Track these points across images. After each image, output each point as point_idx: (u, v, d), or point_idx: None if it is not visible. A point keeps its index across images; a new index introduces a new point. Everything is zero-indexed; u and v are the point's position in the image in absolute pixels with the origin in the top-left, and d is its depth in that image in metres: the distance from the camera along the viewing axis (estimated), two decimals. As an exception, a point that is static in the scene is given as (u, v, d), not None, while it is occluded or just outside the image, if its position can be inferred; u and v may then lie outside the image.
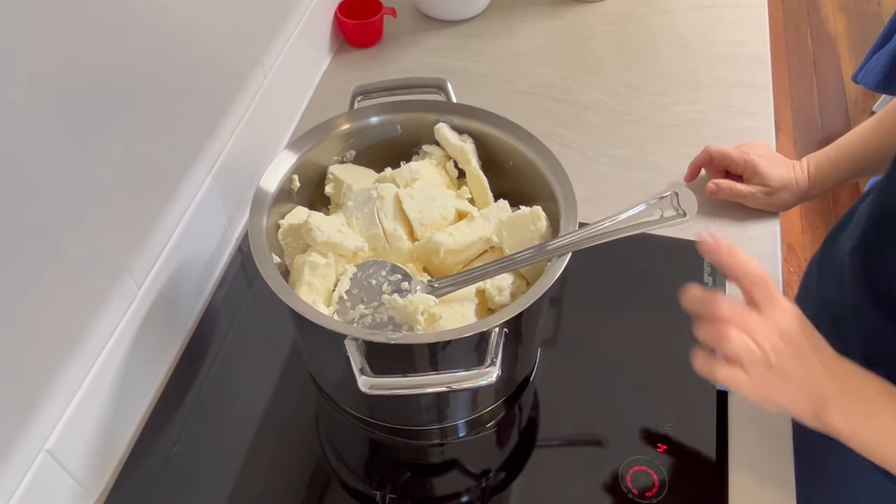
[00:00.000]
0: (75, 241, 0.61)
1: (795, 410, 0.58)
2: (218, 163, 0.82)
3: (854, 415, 0.57)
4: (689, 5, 1.20)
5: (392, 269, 0.66)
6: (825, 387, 0.57)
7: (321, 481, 0.72)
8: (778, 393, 0.58)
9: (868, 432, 0.57)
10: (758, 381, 0.57)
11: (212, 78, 0.79)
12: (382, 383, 0.57)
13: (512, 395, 0.75)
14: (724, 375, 0.58)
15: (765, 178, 0.86)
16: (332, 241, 0.68)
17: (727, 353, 0.58)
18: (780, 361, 0.57)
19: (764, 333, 0.57)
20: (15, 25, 0.50)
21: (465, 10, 1.18)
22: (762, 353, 0.57)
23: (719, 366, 0.59)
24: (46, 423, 0.61)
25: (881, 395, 0.57)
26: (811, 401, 0.57)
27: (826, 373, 0.57)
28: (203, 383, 0.78)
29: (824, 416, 0.57)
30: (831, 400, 0.57)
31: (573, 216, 0.66)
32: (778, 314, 0.58)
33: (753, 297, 0.59)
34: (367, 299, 0.65)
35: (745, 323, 0.57)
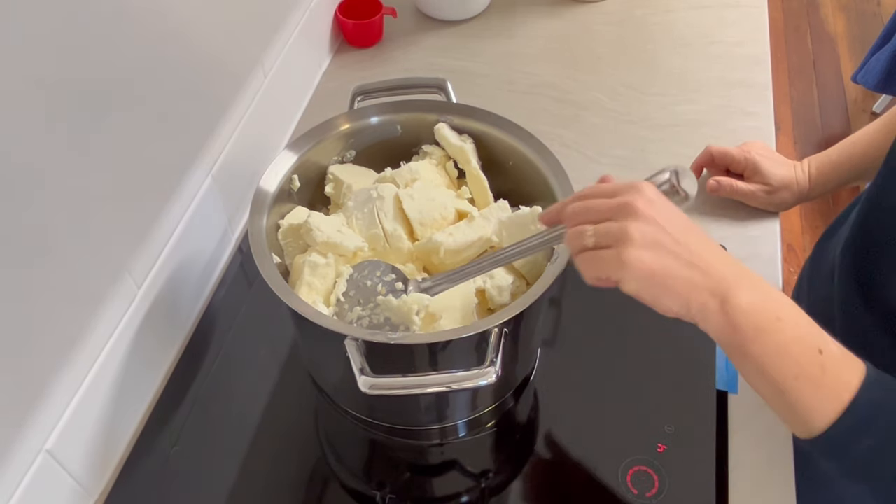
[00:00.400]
0: (75, 241, 0.61)
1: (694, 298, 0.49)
2: (218, 163, 0.82)
3: (762, 311, 0.49)
4: (689, 5, 1.20)
5: (386, 269, 0.66)
6: (723, 269, 0.49)
7: (321, 481, 0.72)
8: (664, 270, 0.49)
9: (777, 335, 0.49)
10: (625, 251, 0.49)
11: (212, 78, 0.79)
12: (382, 383, 0.57)
13: (512, 396, 0.75)
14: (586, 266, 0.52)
15: (765, 177, 0.86)
16: (332, 241, 0.68)
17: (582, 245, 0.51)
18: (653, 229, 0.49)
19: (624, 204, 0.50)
20: (14, 26, 0.50)
21: (465, 10, 1.18)
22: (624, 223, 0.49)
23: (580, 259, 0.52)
24: (46, 423, 0.61)
25: (781, 295, 0.51)
26: (710, 284, 0.49)
27: (717, 253, 0.50)
28: (203, 383, 0.78)
29: (733, 312, 0.48)
30: (736, 287, 0.49)
31: (573, 216, 0.66)
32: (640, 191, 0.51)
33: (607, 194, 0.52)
34: (363, 301, 0.65)
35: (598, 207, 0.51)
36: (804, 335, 0.49)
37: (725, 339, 0.50)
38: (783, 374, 0.49)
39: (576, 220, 0.53)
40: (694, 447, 0.71)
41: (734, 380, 0.75)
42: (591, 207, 0.52)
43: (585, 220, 0.52)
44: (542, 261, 0.68)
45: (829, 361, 0.49)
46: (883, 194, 0.65)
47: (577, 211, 0.53)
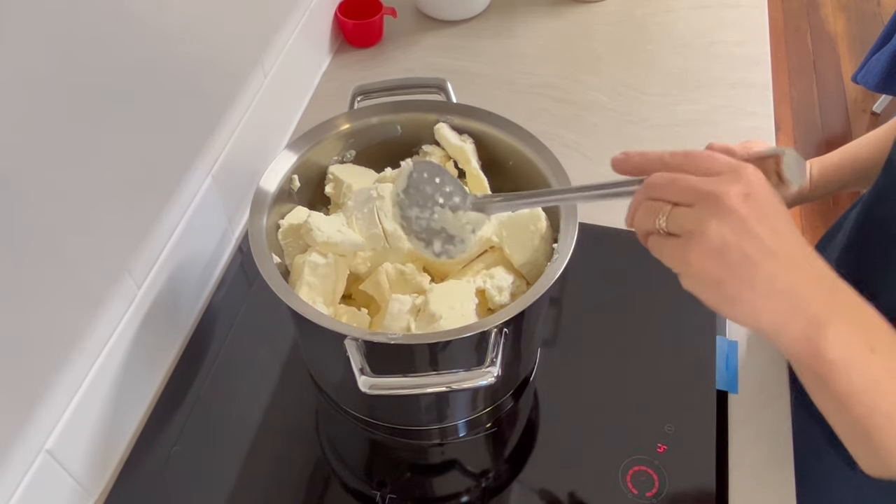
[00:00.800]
0: (75, 241, 0.61)
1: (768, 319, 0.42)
2: (218, 163, 0.82)
3: (854, 344, 0.42)
4: (689, 5, 1.20)
5: (446, 178, 0.62)
6: (813, 291, 0.42)
7: (321, 481, 0.72)
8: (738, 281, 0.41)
9: (869, 371, 0.42)
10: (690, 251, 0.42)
11: (212, 78, 0.79)
12: (382, 383, 0.57)
13: (512, 395, 0.75)
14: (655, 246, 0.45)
15: None
16: (332, 240, 0.68)
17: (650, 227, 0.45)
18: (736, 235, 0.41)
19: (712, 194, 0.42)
20: (15, 26, 0.50)
21: (465, 10, 1.18)
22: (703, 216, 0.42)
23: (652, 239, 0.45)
24: (46, 423, 0.61)
25: (880, 322, 0.44)
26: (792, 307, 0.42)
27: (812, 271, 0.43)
28: (203, 383, 0.78)
29: (818, 339, 0.42)
30: (827, 314, 0.42)
31: (573, 216, 0.66)
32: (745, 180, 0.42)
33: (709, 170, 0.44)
34: (421, 203, 0.62)
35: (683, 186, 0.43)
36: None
37: (806, 367, 0.44)
38: (871, 411, 0.43)
39: (655, 193, 0.45)
40: (694, 447, 0.71)
41: (734, 380, 0.75)
42: (676, 183, 0.43)
43: (666, 195, 0.44)
44: (542, 261, 0.68)
45: None
46: (882, 198, 0.65)
47: (661, 183, 0.44)
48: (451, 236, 0.61)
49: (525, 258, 0.69)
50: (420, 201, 0.62)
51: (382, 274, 0.68)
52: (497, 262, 0.70)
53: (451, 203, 0.61)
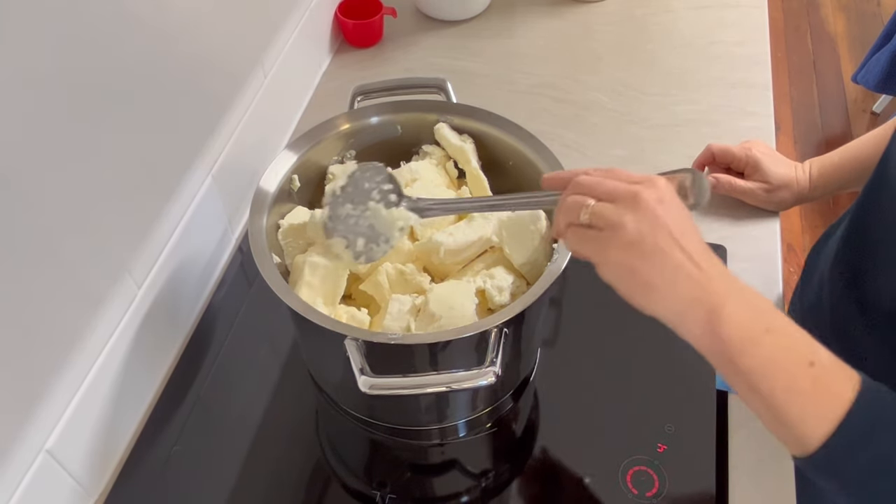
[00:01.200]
0: (75, 241, 0.61)
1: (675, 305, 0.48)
2: (218, 163, 0.82)
3: (751, 325, 0.47)
4: (689, 5, 1.20)
5: (386, 177, 0.66)
6: (715, 282, 0.47)
7: (321, 481, 0.72)
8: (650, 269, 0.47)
9: (766, 348, 0.47)
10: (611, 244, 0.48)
11: (212, 78, 0.79)
12: (382, 383, 0.57)
13: (512, 396, 0.75)
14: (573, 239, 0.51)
15: (765, 175, 0.86)
16: None
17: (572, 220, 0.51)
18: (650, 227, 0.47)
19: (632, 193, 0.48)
20: (15, 25, 0.50)
21: (465, 10, 1.18)
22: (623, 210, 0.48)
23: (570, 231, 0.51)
24: (46, 423, 0.61)
25: (773, 308, 0.48)
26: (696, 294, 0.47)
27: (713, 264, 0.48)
28: (203, 383, 0.78)
29: (717, 321, 0.47)
30: (724, 300, 0.47)
31: (573, 216, 0.66)
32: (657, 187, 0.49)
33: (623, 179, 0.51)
34: (356, 200, 0.66)
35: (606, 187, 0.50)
36: (794, 347, 0.47)
37: (713, 351, 0.48)
38: (773, 387, 0.47)
39: (580, 190, 0.51)
40: (694, 447, 0.71)
41: (734, 380, 0.75)
42: (599, 185, 0.51)
43: (591, 192, 0.51)
44: (542, 261, 0.68)
45: (822, 373, 0.47)
46: (875, 196, 0.65)
47: (587, 182, 0.52)
48: (376, 235, 0.65)
49: (525, 258, 0.69)
50: (355, 198, 0.65)
51: (382, 274, 0.68)
52: (497, 262, 0.70)
53: (387, 200, 0.65)
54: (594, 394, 0.76)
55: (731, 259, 0.85)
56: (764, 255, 0.85)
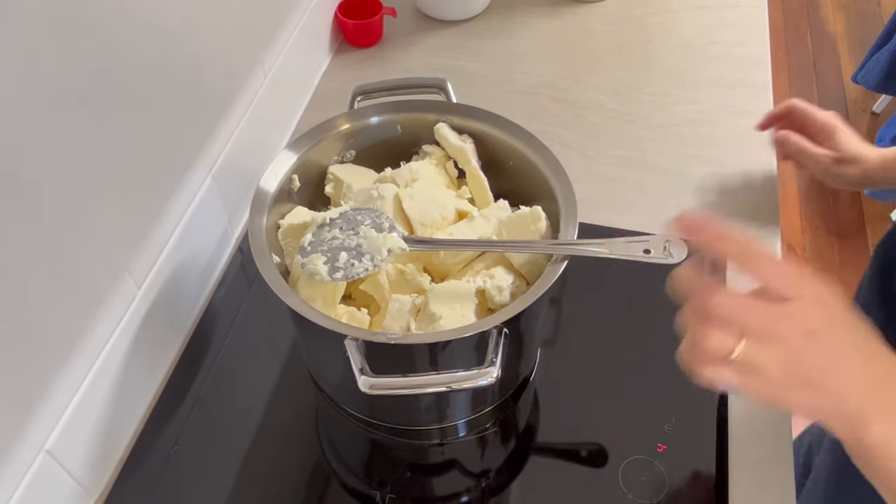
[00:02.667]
0: (75, 240, 0.61)
1: (828, 422, 0.47)
2: (218, 163, 0.82)
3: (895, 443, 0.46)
4: (689, 5, 1.20)
5: (383, 215, 0.67)
6: (865, 400, 0.46)
7: (321, 481, 0.72)
8: (802, 400, 0.46)
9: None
10: (770, 388, 0.46)
11: (212, 78, 0.79)
12: (382, 383, 0.57)
13: (512, 396, 0.75)
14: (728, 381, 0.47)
15: (839, 144, 0.81)
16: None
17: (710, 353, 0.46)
18: (800, 365, 0.45)
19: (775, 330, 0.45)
20: (14, 25, 0.50)
21: (465, 10, 1.18)
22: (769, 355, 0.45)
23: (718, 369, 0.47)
24: (46, 423, 0.61)
25: None
26: (844, 412, 0.46)
27: (865, 377, 0.46)
28: (203, 383, 0.78)
29: (862, 432, 0.46)
30: (872, 412, 0.46)
31: (573, 216, 0.66)
32: (802, 303, 0.45)
33: (768, 285, 0.46)
34: (345, 227, 0.67)
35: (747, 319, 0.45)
36: None
37: (853, 452, 0.48)
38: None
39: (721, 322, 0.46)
40: (694, 447, 0.71)
41: (734, 380, 0.75)
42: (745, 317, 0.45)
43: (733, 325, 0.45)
44: (542, 261, 0.68)
45: None
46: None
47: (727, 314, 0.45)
48: (361, 253, 0.65)
49: (525, 258, 0.69)
50: (344, 226, 0.67)
51: (382, 274, 0.68)
52: (497, 262, 0.70)
53: (378, 227, 0.66)
54: (594, 394, 0.76)
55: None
56: (764, 255, 0.85)
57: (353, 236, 0.66)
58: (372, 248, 0.65)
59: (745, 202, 0.91)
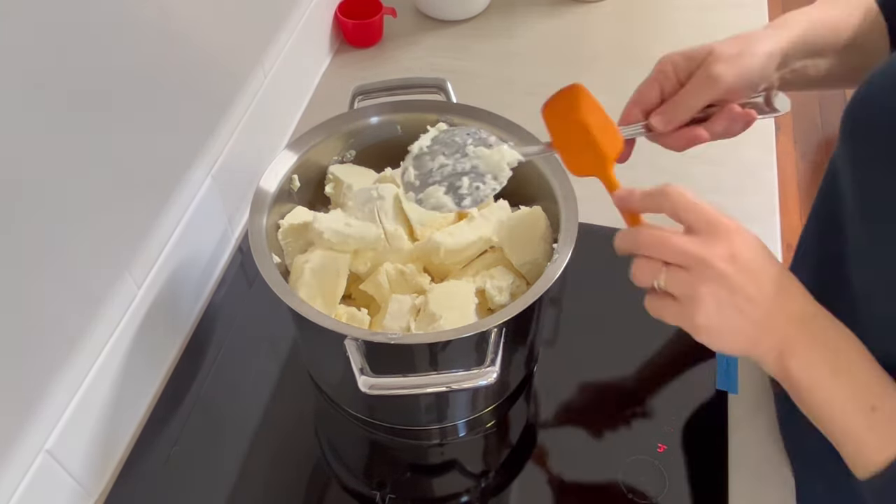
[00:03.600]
0: (75, 241, 0.61)
1: (755, 352, 0.50)
2: (218, 163, 0.82)
3: (817, 367, 0.49)
4: (689, 5, 1.20)
5: (479, 129, 0.62)
6: (786, 327, 0.49)
7: (321, 481, 0.72)
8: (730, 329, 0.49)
9: (827, 391, 0.49)
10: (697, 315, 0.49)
11: (212, 78, 0.79)
12: (382, 383, 0.57)
13: (512, 395, 0.75)
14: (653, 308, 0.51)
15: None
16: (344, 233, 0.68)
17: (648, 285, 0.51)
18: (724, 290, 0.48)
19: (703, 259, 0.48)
20: (14, 25, 0.50)
21: (465, 10, 1.18)
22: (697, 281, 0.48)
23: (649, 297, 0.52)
24: (46, 423, 0.61)
25: (850, 349, 0.50)
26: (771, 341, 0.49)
27: (787, 310, 0.49)
28: (203, 383, 0.78)
29: (786, 361, 0.49)
30: (794, 343, 0.49)
31: (573, 216, 0.66)
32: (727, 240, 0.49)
33: (692, 226, 0.50)
34: (448, 153, 0.61)
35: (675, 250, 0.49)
36: (860, 391, 0.48)
37: (783, 386, 0.51)
38: (831, 427, 0.49)
39: (647, 252, 0.51)
40: (694, 447, 0.71)
41: (734, 380, 0.75)
42: (666, 245, 0.50)
43: (658, 255, 0.50)
44: (542, 261, 0.68)
45: (881, 419, 0.47)
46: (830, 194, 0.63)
47: (650, 243, 0.50)
48: (481, 174, 0.60)
49: (525, 258, 0.69)
50: (447, 151, 0.61)
51: (382, 274, 0.68)
52: (497, 262, 0.70)
53: (486, 144, 0.61)
54: (594, 394, 0.76)
55: (731, 259, 0.84)
56: (764, 255, 0.85)
57: (464, 159, 0.60)
58: (490, 166, 0.60)
59: (745, 202, 0.91)
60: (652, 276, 0.50)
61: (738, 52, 0.60)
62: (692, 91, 0.61)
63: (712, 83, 0.60)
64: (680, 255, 0.49)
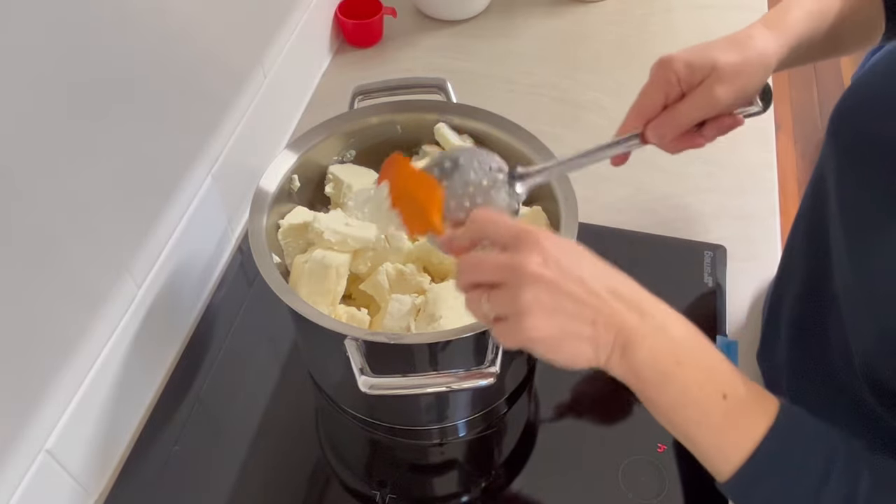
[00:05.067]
0: (75, 241, 0.61)
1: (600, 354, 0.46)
2: (218, 163, 0.82)
3: (662, 359, 0.46)
4: (689, 5, 1.20)
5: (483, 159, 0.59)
6: (624, 316, 0.46)
7: (321, 481, 0.72)
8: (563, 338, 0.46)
9: (673, 385, 0.46)
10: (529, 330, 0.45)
11: (212, 78, 0.79)
12: (382, 383, 0.57)
13: (512, 395, 0.75)
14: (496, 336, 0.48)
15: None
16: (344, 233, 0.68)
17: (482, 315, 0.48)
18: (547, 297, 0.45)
19: (514, 268, 0.46)
20: (15, 26, 0.50)
21: (465, 10, 1.18)
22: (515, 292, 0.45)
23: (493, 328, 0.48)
24: (46, 423, 0.61)
25: (691, 338, 0.47)
26: (611, 336, 0.46)
27: (620, 297, 0.46)
28: (203, 383, 0.78)
29: (631, 354, 0.46)
30: (636, 333, 0.46)
31: (573, 216, 0.66)
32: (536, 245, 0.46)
33: (499, 242, 0.48)
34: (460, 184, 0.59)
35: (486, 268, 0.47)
36: (708, 379, 0.46)
37: (632, 387, 0.47)
38: (685, 420, 0.47)
39: (467, 279, 0.49)
40: (694, 447, 0.71)
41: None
42: (480, 267, 0.48)
43: (477, 280, 0.48)
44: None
45: (734, 406, 0.46)
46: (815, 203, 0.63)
47: (468, 269, 0.48)
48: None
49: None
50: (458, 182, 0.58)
51: (382, 274, 0.68)
52: (497, 262, 0.70)
53: (493, 177, 0.59)
54: (594, 393, 0.76)
55: (731, 259, 0.85)
56: (764, 256, 0.85)
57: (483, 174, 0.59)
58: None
59: (745, 202, 0.91)
60: (479, 304, 0.48)
61: (739, 69, 0.61)
62: (692, 107, 0.60)
63: (714, 103, 0.59)
64: (491, 271, 0.47)
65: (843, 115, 0.58)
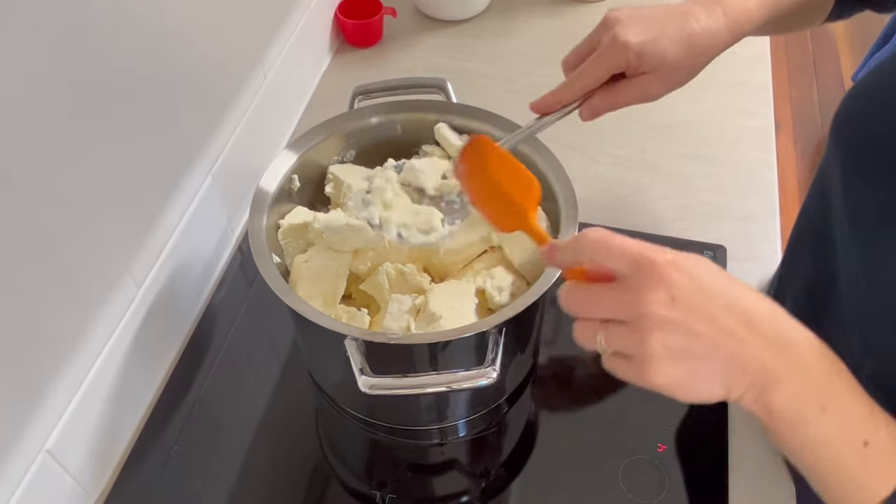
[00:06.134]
0: (75, 241, 0.61)
1: (733, 394, 0.44)
2: (218, 163, 0.82)
3: (805, 400, 0.43)
4: (689, 5, 1.20)
5: None
6: (762, 356, 0.43)
7: (321, 481, 0.72)
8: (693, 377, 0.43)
9: (817, 428, 0.43)
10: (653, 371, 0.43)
11: (212, 78, 0.79)
12: (382, 383, 0.57)
13: (512, 395, 0.75)
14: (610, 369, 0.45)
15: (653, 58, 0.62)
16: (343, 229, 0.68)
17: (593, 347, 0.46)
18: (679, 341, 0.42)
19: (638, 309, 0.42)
20: (14, 26, 0.50)
21: (465, 10, 1.18)
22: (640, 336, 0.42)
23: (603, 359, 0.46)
24: (46, 423, 0.61)
25: (836, 380, 0.44)
26: (748, 378, 0.43)
27: (759, 334, 0.43)
28: (203, 383, 0.78)
29: (769, 397, 0.43)
30: (776, 374, 0.43)
31: (573, 216, 0.66)
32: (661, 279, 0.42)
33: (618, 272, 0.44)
34: None
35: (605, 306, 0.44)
36: (850, 425, 0.44)
37: (761, 422, 0.45)
38: (821, 466, 0.45)
39: (580, 312, 0.46)
40: (694, 447, 0.71)
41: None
42: (596, 303, 0.45)
43: (591, 314, 0.45)
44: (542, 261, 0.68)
45: (874, 454, 0.44)
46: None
47: (580, 300, 0.45)
48: None
49: (525, 258, 0.69)
50: None
51: (382, 274, 0.68)
52: (497, 262, 0.70)
53: None
54: (594, 394, 0.76)
55: (731, 259, 0.85)
56: (764, 255, 0.85)
57: None
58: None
59: (744, 202, 0.91)
60: (592, 338, 0.45)
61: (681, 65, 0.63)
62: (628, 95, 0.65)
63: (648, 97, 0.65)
64: (612, 310, 0.44)
65: (847, 120, 0.57)
